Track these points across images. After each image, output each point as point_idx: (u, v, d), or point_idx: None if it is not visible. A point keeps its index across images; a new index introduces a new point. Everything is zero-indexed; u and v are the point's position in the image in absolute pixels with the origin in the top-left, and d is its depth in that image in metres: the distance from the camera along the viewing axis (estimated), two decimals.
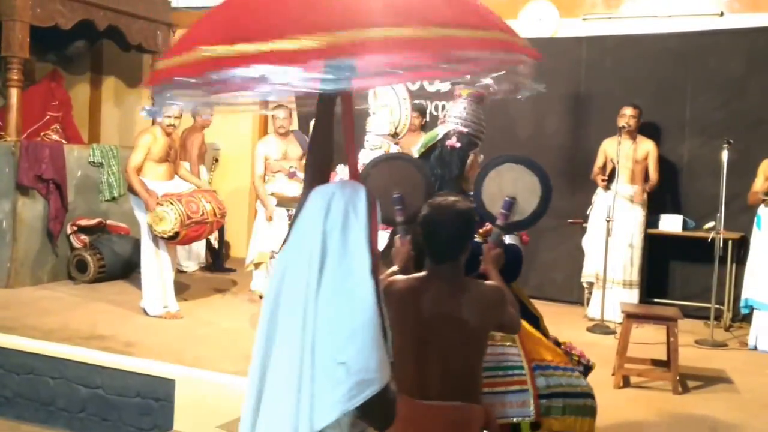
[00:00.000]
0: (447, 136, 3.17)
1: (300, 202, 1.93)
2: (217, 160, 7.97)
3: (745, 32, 6.18)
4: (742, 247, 5.83)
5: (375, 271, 1.72)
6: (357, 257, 1.71)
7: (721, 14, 6.45)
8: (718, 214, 5.44)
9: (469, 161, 3.18)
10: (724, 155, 5.43)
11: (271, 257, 5.21)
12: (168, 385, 4.31)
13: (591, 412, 2.92)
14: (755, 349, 5.43)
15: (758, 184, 5.50)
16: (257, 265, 6.04)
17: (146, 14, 7.59)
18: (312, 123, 3.50)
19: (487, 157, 7.24)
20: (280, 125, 6.22)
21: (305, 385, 1.70)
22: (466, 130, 3.19)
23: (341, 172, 5.22)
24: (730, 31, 6.31)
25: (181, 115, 5.69)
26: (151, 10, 7.68)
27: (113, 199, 7.29)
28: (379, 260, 1.81)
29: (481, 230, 2.89)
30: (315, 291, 1.71)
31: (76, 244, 6.85)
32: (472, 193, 3.02)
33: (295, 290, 1.75)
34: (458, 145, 3.15)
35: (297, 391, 1.70)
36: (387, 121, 5.11)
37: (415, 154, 3.33)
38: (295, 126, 6.87)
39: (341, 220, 1.74)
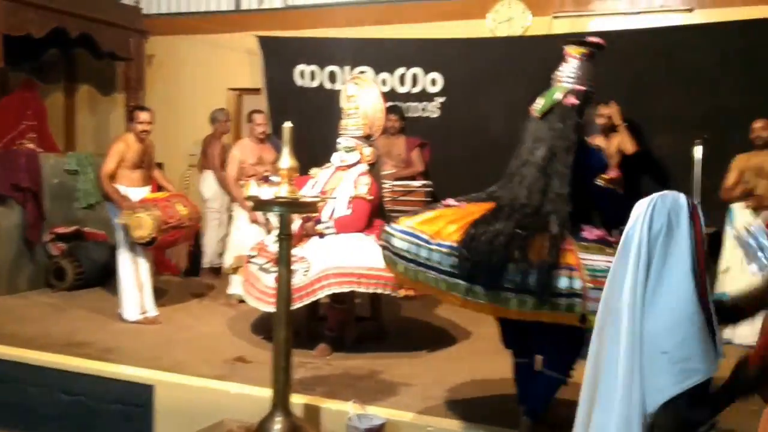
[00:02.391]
0: (566, 95, 3.45)
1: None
2: (192, 166, 7.96)
3: (715, 27, 6.28)
4: (715, 243, 5.89)
5: (699, 271, 1.90)
6: (679, 259, 1.91)
7: (691, 10, 6.55)
8: None
9: (585, 115, 3.50)
10: (698, 151, 5.50)
11: (248, 261, 5.21)
12: (147, 390, 4.31)
13: None
14: (730, 342, 5.49)
15: (731, 180, 5.58)
16: (235, 270, 6.04)
17: (118, 22, 7.59)
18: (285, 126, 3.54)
19: (456, 152, 7.35)
20: (261, 131, 6.24)
21: (636, 375, 1.89)
22: (583, 88, 3.47)
23: (315, 174, 5.25)
24: (700, 26, 6.41)
25: (153, 121, 5.69)
26: (123, 17, 7.68)
27: (90, 206, 7.27)
28: (707, 260, 2.00)
29: (604, 176, 3.36)
30: (642, 292, 1.90)
31: (54, 251, 6.83)
32: (594, 145, 3.47)
33: (622, 292, 1.93)
34: (576, 102, 3.43)
35: (629, 382, 1.90)
36: (361, 123, 5.12)
37: (537, 115, 3.51)
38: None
39: (665, 227, 1.95)
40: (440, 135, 6.94)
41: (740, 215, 5.48)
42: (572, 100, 3.45)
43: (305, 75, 7.61)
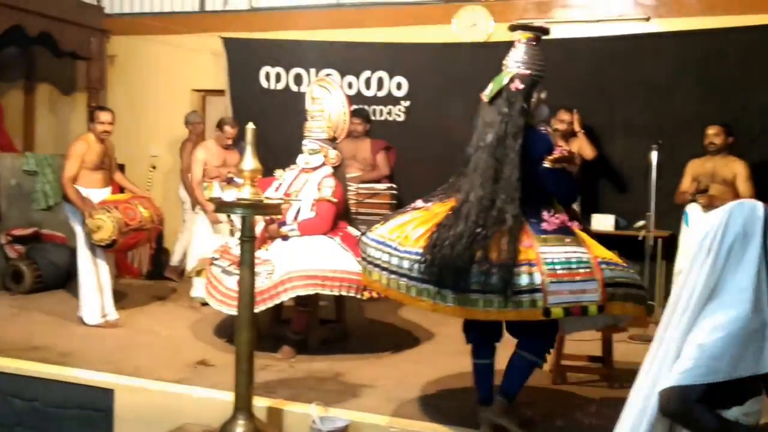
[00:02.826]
0: (511, 79, 3.52)
1: None
2: (154, 167, 7.89)
3: (671, 36, 6.43)
4: (671, 245, 6.04)
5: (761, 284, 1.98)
6: (747, 267, 1.95)
7: (648, 19, 6.69)
8: (648, 213, 5.60)
9: (533, 99, 3.56)
10: (654, 156, 5.60)
11: (211, 263, 5.19)
12: (107, 395, 4.26)
13: (644, 301, 3.51)
14: None
15: (685, 184, 5.71)
16: (198, 273, 6.01)
17: (79, 20, 7.50)
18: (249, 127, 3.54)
19: (421, 155, 7.42)
20: (229, 138, 6.22)
21: (669, 355, 1.99)
22: (528, 72, 3.54)
23: (280, 176, 5.26)
24: (657, 35, 6.56)
25: (114, 122, 5.63)
26: (85, 16, 7.59)
27: (48, 207, 7.16)
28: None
29: (550, 158, 3.46)
30: (708, 294, 1.97)
31: (11, 254, 6.71)
32: (542, 128, 3.58)
33: (691, 289, 2.00)
34: (521, 86, 3.51)
35: (666, 357, 2.00)
36: (325, 126, 5.14)
37: (486, 100, 3.62)
38: None
39: (740, 235, 1.98)
40: (405, 138, 6.98)
41: (695, 218, 5.61)
42: (517, 85, 3.52)
43: (270, 77, 7.60)
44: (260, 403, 3.83)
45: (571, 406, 4.03)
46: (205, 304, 5.54)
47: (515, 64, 3.59)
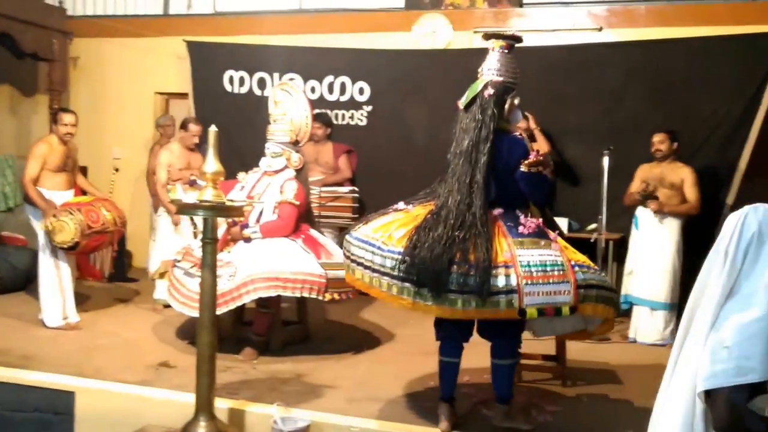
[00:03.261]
0: (485, 87, 3.68)
1: None
2: (117, 170, 7.88)
3: (621, 46, 6.64)
4: (622, 247, 6.21)
5: None
6: (764, 267, 2.02)
7: (600, 29, 6.91)
8: (600, 216, 5.74)
9: (506, 105, 3.72)
10: (605, 161, 5.74)
11: (173, 266, 5.22)
12: (67, 398, 4.24)
13: (615, 303, 3.67)
14: (635, 341, 5.82)
15: (634, 188, 5.89)
16: (162, 275, 6.03)
17: (41, 22, 7.45)
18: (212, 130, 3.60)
19: (383, 159, 7.52)
20: (195, 135, 6.25)
21: (702, 358, 2.05)
22: (500, 78, 3.72)
23: (242, 179, 5.32)
24: (609, 44, 6.77)
25: (77, 124, 5.64)
26: (46, 18, 7.55)
27: (9, 209, 7.11)
28: None
29: (526, 162, 3.57)
30: (726, 294, 2.04)
31: None
32: (517, 134, 3.73)
33: (710, 292, 2.07)
34: (492, 93, 3.68)
35: (691, 360, 2.07)
36: (288, 129, 5.20)
37: (461, 107, 3.78)
38: None
39: (755, 236, 2.05)
40: (367, 142, 7.09)
41: (644, 220, 5.80)
42: (489, 91, 3.69)
43: (234, 81, 7.64)
44: (222, 404, 3.87)
45: (525, 405, 4.15)
46: (167, 306, 5.56)
47: (489, 71, 3.75)
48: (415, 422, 3.86)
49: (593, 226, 5.98)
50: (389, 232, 3.56)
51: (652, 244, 5.73)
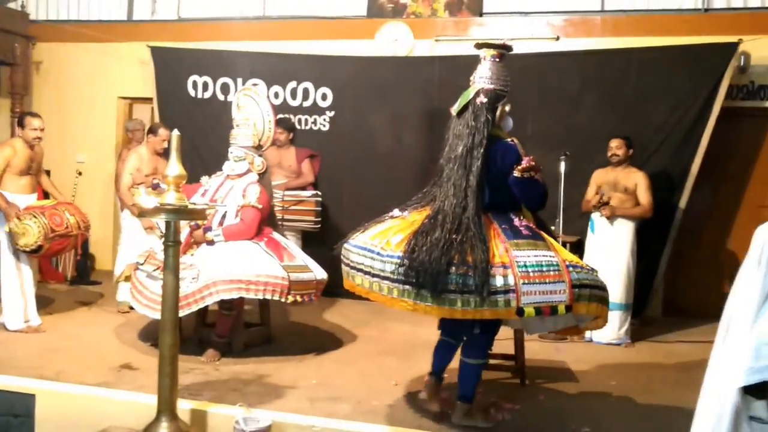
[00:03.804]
0: (477, 94, 3.81)
1: None
2: (80, 173, 7.85)
3: (578, 54, 6.82)
4: (578, 249, 6.36)
5: None
6: None
7: (558, 38, 7.09)
8: (557, 220, 5.85)
9: (498, 112, 3.87)
10: (562, 166, 5.87)
11: (136, 268, 5.25)
12: (28, 400, 4.22)
13: (606, 302, 3.76)
14: (591, 341, 5.96)
15: (590, 193, 6.05)
16: (127, 278, 6.02)
17: (3, 26, 7.41)
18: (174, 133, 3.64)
19: (345, 164, 7.61)
20: (165, 140, 6.25)
21: (742, 355, 2.16)
22: (492, 86, 3.86)
23: (206, 183, 5.36)
24: (565, 53, 6.95)
25: (44, 128, 5.65)
26: (9, 22, 7.50)
27: None
28: None
29: (519, 167, 3.68)
30: (763, 298, 2.16)
31: None
32: (509, 140, 3.82)
33: (748, 295, 2.20)
34: (485, 100, 3.80)
35: (732, 359, 2.18)
36: (251, 134, 5.26)
37: (454, 114, 3.91)
38: None
39: None
40: (330, 147, 7.17)
41: (599, 223, 5.97)
42: (482, 99, 3.83)
43: (198, 86, 7.68)
44: (184, 405, 3.90)
45: (485, 403, 4.23)
46: (132, 308, 5.57)
47: (480, 79, 3.89)
48: (377, 421, 3.93)
49: (551, 228, 6.10)
50: (387, 238, 3.67)
51: (607, 246, 5.88)
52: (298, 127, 7.22)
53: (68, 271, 7.60)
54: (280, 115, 6.55)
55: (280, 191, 6.35)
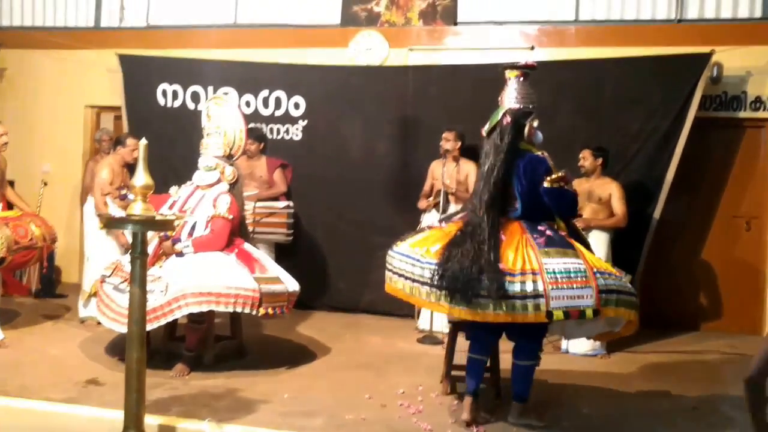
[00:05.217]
0: (504, 115, 4.14)
1: None
2: (46, 184, 7.67)
3: (552, 64, 6.82)
4: None
5: None
6: None
7: (532, 48, 7.11)
8: None
9: (526, 129, 4.12)
10: None
11: (102, 281, 5.12)
12: None
13: (636, 306, 3.98)
14: (567, 352, 5.96)
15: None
16: (95, 294, 5.87)
17: None
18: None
19: (318, 174, 7.53)
20: (134, 149, 6.13)
21: None
22: (518, 106, 4.17)
23: (175, 193, 5.26)
24: (540, 63, 6.89)
25: (8, 134, 5.50)
26: None
27: None
28: None
29: (549, 178, 4.01)
30: None
31: None
32: (539, 153, 4.13)
33: None
34: (510, 120, 4.12)
35: None
36: (221, 143, 5.18)
37: (484, 134, 4.25)
38: None
39: None
40: (303, 157, 7.11)
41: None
42: (507, 119, 4.13)
43: (168, 94, 7.56)
44: (152, 421, 3.82)
45: (460, 414, 4.21)
46: (99, 322, 5.43)
47: (507, 100, 4.20)
48: None
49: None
50: (426, 246, 4.01)
51: None
52: (270, 136, 7.15)
53: (33, 284, 7.44)
54: (252, 125, 6.48)
55: (251, 202, 6.26)
